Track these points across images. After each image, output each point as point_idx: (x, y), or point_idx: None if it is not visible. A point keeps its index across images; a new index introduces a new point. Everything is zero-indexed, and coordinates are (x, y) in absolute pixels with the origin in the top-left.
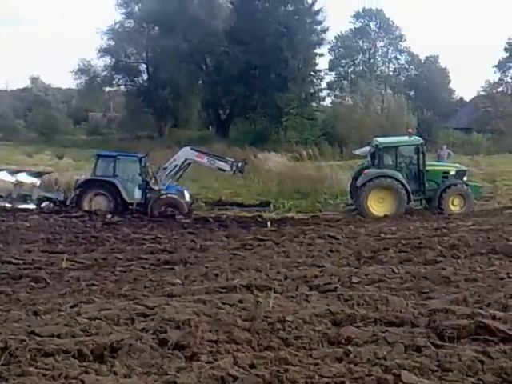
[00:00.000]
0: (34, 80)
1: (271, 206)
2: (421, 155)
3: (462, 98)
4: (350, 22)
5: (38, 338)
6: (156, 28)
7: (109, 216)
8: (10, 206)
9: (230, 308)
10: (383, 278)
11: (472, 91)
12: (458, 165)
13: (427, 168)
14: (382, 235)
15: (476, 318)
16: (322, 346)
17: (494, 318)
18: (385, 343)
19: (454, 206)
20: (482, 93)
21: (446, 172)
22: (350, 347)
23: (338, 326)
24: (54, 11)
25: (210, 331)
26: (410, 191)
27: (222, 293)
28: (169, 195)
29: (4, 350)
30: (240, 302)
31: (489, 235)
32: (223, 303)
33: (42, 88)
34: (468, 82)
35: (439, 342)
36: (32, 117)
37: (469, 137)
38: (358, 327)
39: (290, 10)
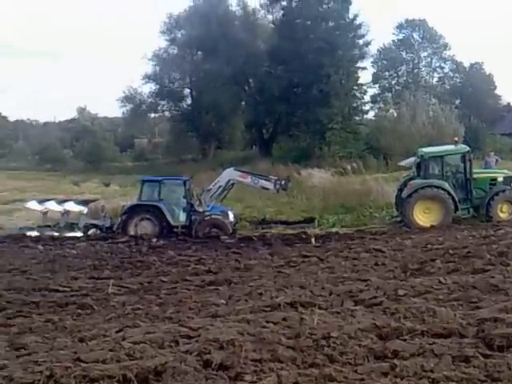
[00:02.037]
0: (81, 110)
1: (316, 221)
2: (467, 163)
3: (508, 104)
4: (393, 33)
5: (84, 365)
6: (199, 53)
7: (154, 240)
8: (57, 234)
9: (274, 326)
10: (430, 290)
11: None
12: (505, 171)
13: (474, 176)
14: (429, 246)
15: None
16: (368, 360)
17: None
18: (432, 355)
19: (503, 212)
20: None
21: (494, 179)
22: (396, 361)
23: (383, 340)
24: (96, 42)
25: (254, 350)
26: (456, 200)
27: (266, 311)
28: (213, 216)
29: (50, 378)
30: (284, 319)
31: None
32: (267, 322)
33: (88, 118)
34: None
35: (488, 352)
36: (79, 146)
37: None
38: (404, 340)
39: (331, 26)
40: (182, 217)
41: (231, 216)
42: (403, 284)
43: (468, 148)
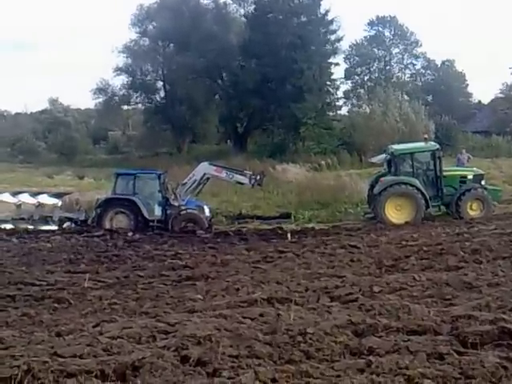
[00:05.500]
0: (53, 102)
1: (292, 217)
2: (437, 161)
3: (479, 101)
4: (365, 30)
5: (61, 359)
6: (171, 45)
7: (130, 234)
8: (32, 227)
9: (251, 322)
10: (405, 286)
11: (490, 94)
12: (475, 169)
13: (444, 173)
14: (404, 243)
15: (499, 323)
16: (344, 357)
17: None
18: (407, 352)
19: (473, 210)
20: (500, 95)
21: (464, 177)
22: (371, 358)
23: (359, 337)
24: (70, 33)
25: (231, 346)
26: (427, 197)
27: (242, 307)
28: (189, 211)
29: (27, 373)
30: (261, 315)
31: (511, 239)
32: (244, 317)
33: (61, 109)
34: (485, 85)
35: (462, 349)
36: (52, 138)
37: (488, 140)
38: (379, 337)
39: (304, 21)
40: (158, 211)
41: (207, 211)
42: (378, 280)
43: (437, 145)
